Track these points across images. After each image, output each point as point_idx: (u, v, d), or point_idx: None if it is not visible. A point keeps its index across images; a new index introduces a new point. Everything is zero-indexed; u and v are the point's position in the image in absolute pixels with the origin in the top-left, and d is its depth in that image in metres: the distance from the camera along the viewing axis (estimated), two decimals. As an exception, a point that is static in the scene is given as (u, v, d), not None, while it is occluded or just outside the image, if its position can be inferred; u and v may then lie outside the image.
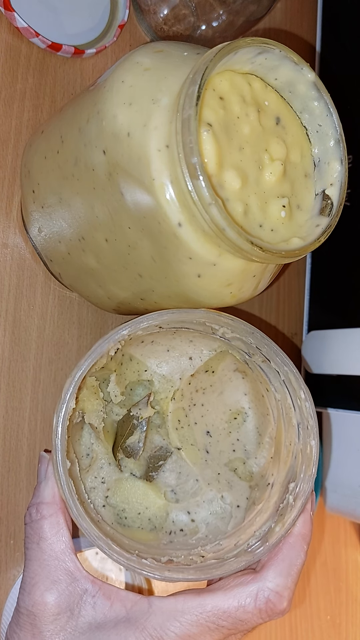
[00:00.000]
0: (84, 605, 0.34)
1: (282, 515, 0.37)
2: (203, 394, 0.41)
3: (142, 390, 0.41)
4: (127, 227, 0.34)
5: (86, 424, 0.40)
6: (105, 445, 0.40)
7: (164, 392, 0.41)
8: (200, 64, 0.30)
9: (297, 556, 0.36)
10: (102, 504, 0.39)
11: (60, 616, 0.34)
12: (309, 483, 0.37)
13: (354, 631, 0.62)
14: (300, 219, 0.35)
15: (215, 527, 0.40)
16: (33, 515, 0.36)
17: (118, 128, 0.32)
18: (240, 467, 0.40)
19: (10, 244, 0.45)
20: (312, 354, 0.55)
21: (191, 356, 0.41)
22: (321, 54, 0.59)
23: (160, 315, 0.37)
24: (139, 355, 0.41)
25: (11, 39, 0.46)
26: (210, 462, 0.41)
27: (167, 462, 0.41)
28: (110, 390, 0.40)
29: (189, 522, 0.40)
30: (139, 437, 0.40)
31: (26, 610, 0.34)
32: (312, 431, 0.37)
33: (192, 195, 0.30)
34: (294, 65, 0.34)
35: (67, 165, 0.36)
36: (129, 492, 0.40)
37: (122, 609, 0.34)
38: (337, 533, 0.63)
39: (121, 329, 0.36)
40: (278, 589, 0.35)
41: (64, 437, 0.35)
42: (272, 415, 0.40)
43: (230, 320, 0.37)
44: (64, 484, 0.34)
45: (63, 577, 0.34)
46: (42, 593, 0.34)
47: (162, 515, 0.40)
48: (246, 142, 0.33)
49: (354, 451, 0.53)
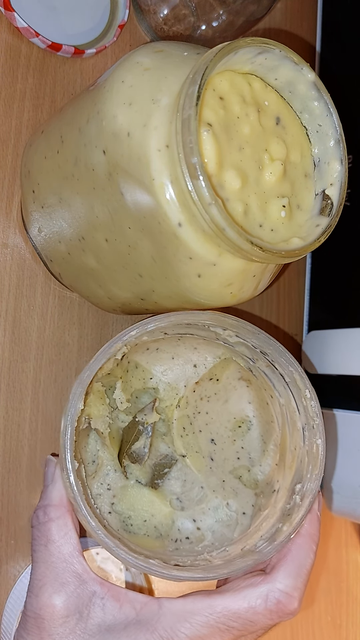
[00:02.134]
0: (93, 608, 0.34)
1: (289, 515, 0.37)
2: (208, 402, 0.41)
3: (148, 397, 0.41)
4: (127, 227, 0.34)
5: (92, 430, 0.40)
6: (111, 452, 0.40)
7: (169, 400, 0.41)
8: (200, 63, 0.30)
9: (307, 557, 0.36)
10: (108, 511, 0.39)
11: (69, 619, 0.34)
12: (316, 482, 0.37)
13: (355, 632, 0.62)
14: (300, 219, 0.35)
15: (221, 534, 0.40)
16: (40, 518, 0.36)
17: (118, 128, 0.32)
18: (245, 474, 0.40)
19: (10, 244, 0.45)
20: (312, 354, 0.55)
21: (195, 364, 0.41)
22: (321, 54, 0.59)
23: (167, 317, 0.37)
24: (145, 362, 0.41)
25: (11, 39, 0.46)
26: (215, 469, 0.41)
27: (172, 470, 0.41)
28: (116, 397, 0.40)
29: (194, 529, 0.40)
30: (145, 443, 0.40)
31: (34, 613, 0.34)
32: (318, 430, 0.37)
33: (192, 195, 0.30)
34: (294, 65, 0.34)
35: (67, 165, 0.36)
36: (134, 499, 0.40)
37: (132, 610, 0.34)
38: (338, 534, 0.62)
39: (129, 329, 0.36)
40: (288, 590, 0.35)
41: (72, 437, 0.34)
42: (276, 422, 0.40)
43: (235, 321, 0.37)
44: (73, 484, 0.34)
45: (71, 580, 0.34)
46: (50, 595, 0.34)
47: (167, 522, 0.40)
48: (246, 142, 0.33)
49: (355, 452, 0.53)
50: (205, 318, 0.37)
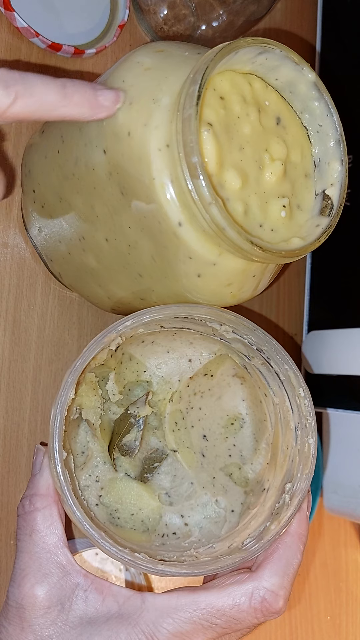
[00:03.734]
0: (75, 600, 0.34)
1: (277, 514, 0.36)
2: (201, 398, 0.41)
3: (140, 390, 0.41)
4: (127, 226, 0.34)
5: (83, 421, 0.39)
6: (101, 444, 0.40)
7: (162, 394, 0.41)
8: (200, 63, 0.30)
9: (294, 556, 0.35)
10: (95, 503, 0.39)
11: (51, 610, 0.33)
12: (306, 482, 0.36)
13: (354, 632, 0.62)
14: (300, 219, 0.35)
15: (209, 531, 0.40)
16: (26, 507, 0.35)
17: (118, 127, 0.32)
18: (236, 472, 0.40)
19: (11, 244, 0.45)
20: (312, 354, 0.55)
21: (191, 358, 0.41)
22: (321, 54, 0.59)
23: (164, 309, 0.36)
24: (139, 355, 0.41)
25: (11, 39, 0.46)
26: (205, 466, 0.41)
27: (163, 464, 0.41)
28: (109, 389, 0.40)
29: (182, 525, 0.40)
30: (136, 436, 0.40)
31: (15, 603, 0.34)
32: (311, 429, 0.37)
33: (193, 195, 0.30)
34: (294, 65, 0.34)
35: (67, 164, 0.36)
36: (122, 493, 0.40)
37: (115, 604, 0.34)
38: (337, 534, 0.63)
39: (125, 319, 0.36)
40: (274, 588, 0.34)
41: (62, 426, 0.34)
42: (269, 420, 0.40)
43: (232, 316, 0.37)
44: (60, 474, 0.34)
45: (55, 571, 0.34)
46: (33, 586, 0.33)
47: (155, 517, 0.40)
48: (247, 141, 0.33)
49: (354, 451, 0.53)
50: (203, 312, 0.37)
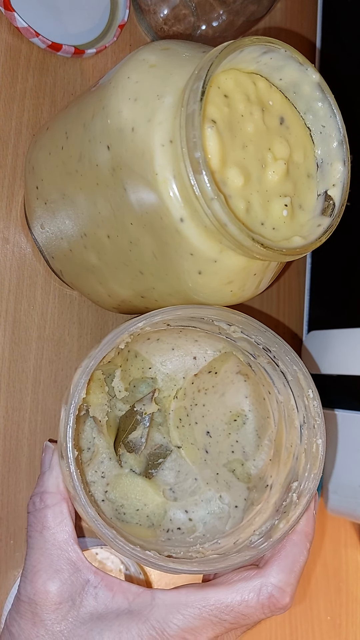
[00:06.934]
0: (85, 596, 0.34)
1: (285, 512, 0.37)
2: (205, 395, 0.41)
3: (145, 387, 0.41)
4: (129, 223, 0.34)
5: (89, 417, 0.40)
6: (107, 440, 0.40)
7: (166, 391, 0.42)
8: (205, 60, 0.30)
9: (300, 553, 0.36)
10: (101, 498, 0.39)
11: (62, 605, 0.34)
12: (314, 481, 0.37)
13: (354, 632, 0.61)
14: (302, 218, 0.36)
15: (213, 526, 0.40)
16: (37, 504, 0.36)
17: (123, 123, 0.32)
18: (239, 468, 0.40)
19: (12, 242, 0.45)
20: (312, 354, 0.55)
21: (195, 356, 0.42)
22: (321, 54, 0.59)
23: (175, 310, 0.36)
24: (144, 352, 0.41)
25: (11, 39, 0.46)
26: (209, 462, 0.41)
27: (167, 460, 0.41)
28: (115, 386, 0.41)
29: (186, 520, 0.40)
30: (142, 433, 0.40)
31: (27, 598, 0.34)
32: (319, 430, 0.37)
33: (195, 190, 0.30)
34: (298, 65, 0.34)
35: (71, 161, 0.36)
36: (128, 488, 0.40)
37: (125, 600, 0.34)
38: (337, 534, 0.63)
39: (136, 320, 0.36)
40: (281, 585, 0.35)
41: (74, 425, 0.34)
42: (272, 417, 0.40)
43: (243, 318, 0.37)
44: (73, 473, 0.34)
45: (66, 567, 0.34)
46: (45, 582, 0.34)
47: (160, 512, 0.40)
48: (250, 140, 0.33)
49: (354, 451, 0.53)
50: (213, 313, 0.37)
